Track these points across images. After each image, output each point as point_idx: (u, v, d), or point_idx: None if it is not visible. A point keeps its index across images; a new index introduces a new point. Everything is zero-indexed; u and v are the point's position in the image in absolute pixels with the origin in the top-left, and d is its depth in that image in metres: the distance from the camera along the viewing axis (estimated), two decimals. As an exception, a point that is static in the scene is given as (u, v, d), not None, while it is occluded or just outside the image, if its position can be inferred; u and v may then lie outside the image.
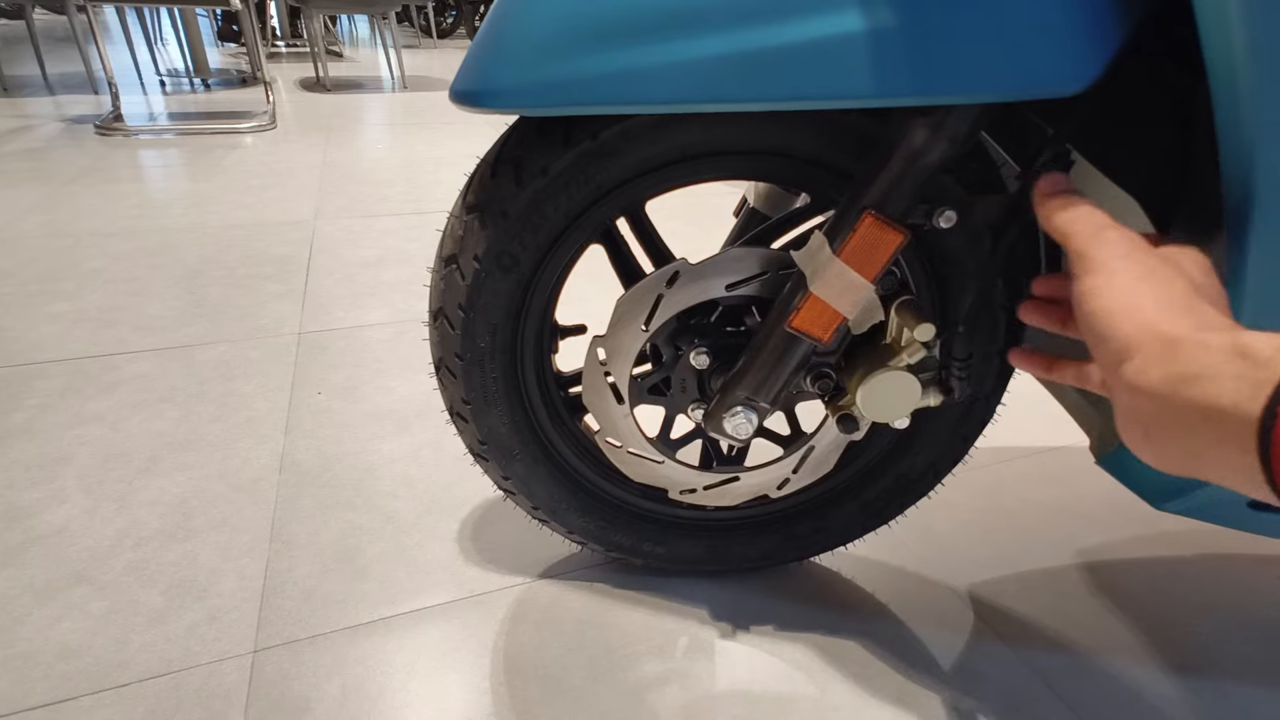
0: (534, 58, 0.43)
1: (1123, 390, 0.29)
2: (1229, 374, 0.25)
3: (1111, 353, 0.30)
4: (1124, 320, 0.30)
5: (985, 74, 0.37)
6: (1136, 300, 0.30)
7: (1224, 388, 0.25)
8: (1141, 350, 0.29)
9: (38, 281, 1.30)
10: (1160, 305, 0.30)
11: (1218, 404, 0.25)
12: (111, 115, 2.48)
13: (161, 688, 0.59)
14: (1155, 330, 0.29)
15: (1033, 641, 0.67)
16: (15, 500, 0.79)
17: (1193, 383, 0.26)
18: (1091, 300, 0.32)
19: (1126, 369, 0.29)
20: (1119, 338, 0.30)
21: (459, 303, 0.54)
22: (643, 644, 0.65)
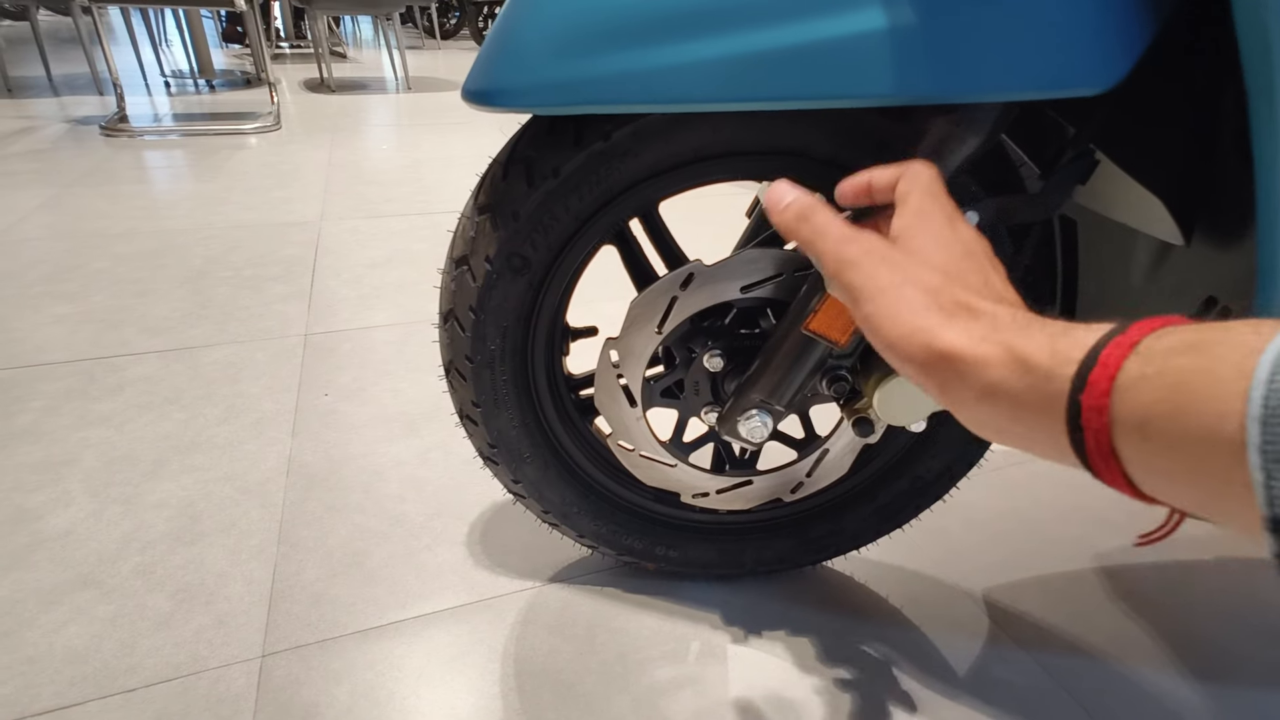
0: (546, 57, 0.42)
1: (946, 403, 0.30)
2: (1019, 386, 0.25)
3: (914, 376, 0.30)
4: (902, 347, 0.30)
5: (1010, 72, 0.36)
6: (906, 322, 0.30)
7: (1023, 401, 0.25)
8: (933, 373, 0.29)
9: (42, 283, 1.30)
10: (928, 318, 0.29)
11: (1021, 413, 0.26)
12: (116, 116, 2.48)
13: (169, 693, 0.59)
14: (932, 350, 0.29)
15: (1050, 646, 0.66)
16: (21, 503, 0.78)
17: (994, 394, 0.27)
18: (871, 332, 0.31)
19: (934, 390, 0.29)
20: (909, 364, 0.30)
21: (470, 304, 0.53)
22: (655, 649, 0.64)
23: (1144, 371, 0.22)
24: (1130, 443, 0.22)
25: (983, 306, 0.29)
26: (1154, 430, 0.21)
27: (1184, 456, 0.20)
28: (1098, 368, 0.23)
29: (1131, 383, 0.22)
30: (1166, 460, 0.21)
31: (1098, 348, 0.23)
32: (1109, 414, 0.22)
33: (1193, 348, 0.21)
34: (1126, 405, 0.22)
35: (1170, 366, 0.21)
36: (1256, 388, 0.18)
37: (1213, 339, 0.21)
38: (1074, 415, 0.23)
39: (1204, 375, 0.20)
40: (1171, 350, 0.21)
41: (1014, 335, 0.27)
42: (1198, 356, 0.20)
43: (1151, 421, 0.21)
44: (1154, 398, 0.21)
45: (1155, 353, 0.22)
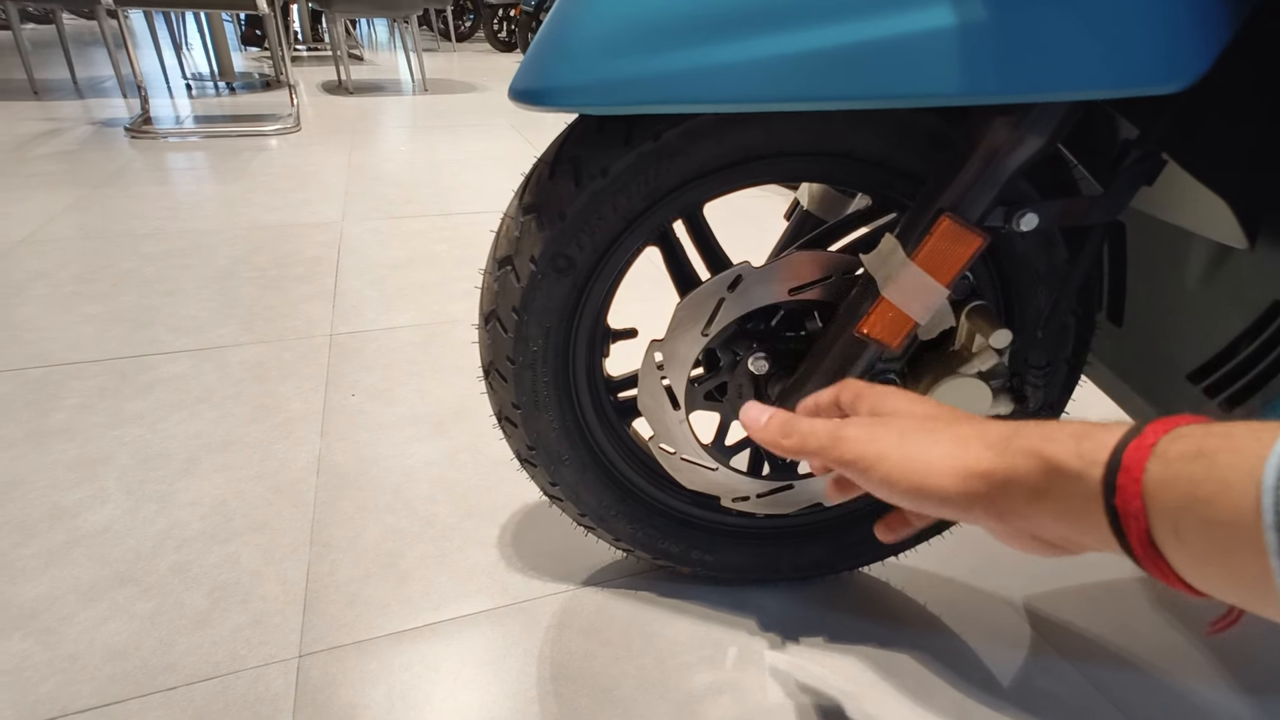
0: (599, 55, 0.42)
1: (991, 525, 0.29)
2: (1058, 490, 0.26)
3: (954, 510, 0.30)
4: (931, 482, 0.30)
5: (1080, 69, 0.36)
6: (923, 461, 0.30)
7: (1065, 502, 0.26)
8: (974, 498, 0.29)
9: (73, 282, 1.32)
10: (942, 449, 0.30)
11: (1067, 514, 0.26)
12: (141, 118, 2.51)
13: (209, 691, 0.59)
14: (966, 473, 0.29)
15: (1096, 657, 0.65)
16: (58, 500, 0.79)
17: (1039, 501, 0.27)
18: (895, 486, 0.31)
19: (978, 515, 0.29)
20: (946, 499, 0.29)
21: (513, 305, 0.53)
22: (692, 654, 0.64)
23: (1164, 476, 0.22)
24: (1169, 545, 0.22)
25: (990, 424, 0.30)
26: (1186, 535, 0.22)
27: (1220, 562, 0.21)
28: (1123, 472, 0.23)
29: (1156, 487, 0.22)
30: (1206, 564, 0.22)
31: (1119, 448, 0.24)
32: (1145, 517, 0.23)
33: (1201, 455, 0.22)
34: (1157, 509, 0.22)
35: (1184, 474, 0.22)
36: (1267, 494, 0.19)
37: (1218, 445, 0.21)
38: (1114, 518, 0.24)
39: (1216, 485, 0.21)
40: (1183, 456, 0.22)
41: (1036, 440, 0.27)
42: (1208, 466, 0.21)
43: (1182, 526, 0.22)
44: (1179, 504, 0.22)
45: (1171, 458, 0.22)
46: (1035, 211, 0.43)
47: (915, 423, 0.33)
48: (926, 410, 0.34)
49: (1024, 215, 0.43)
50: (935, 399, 0.49)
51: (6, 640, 0.62)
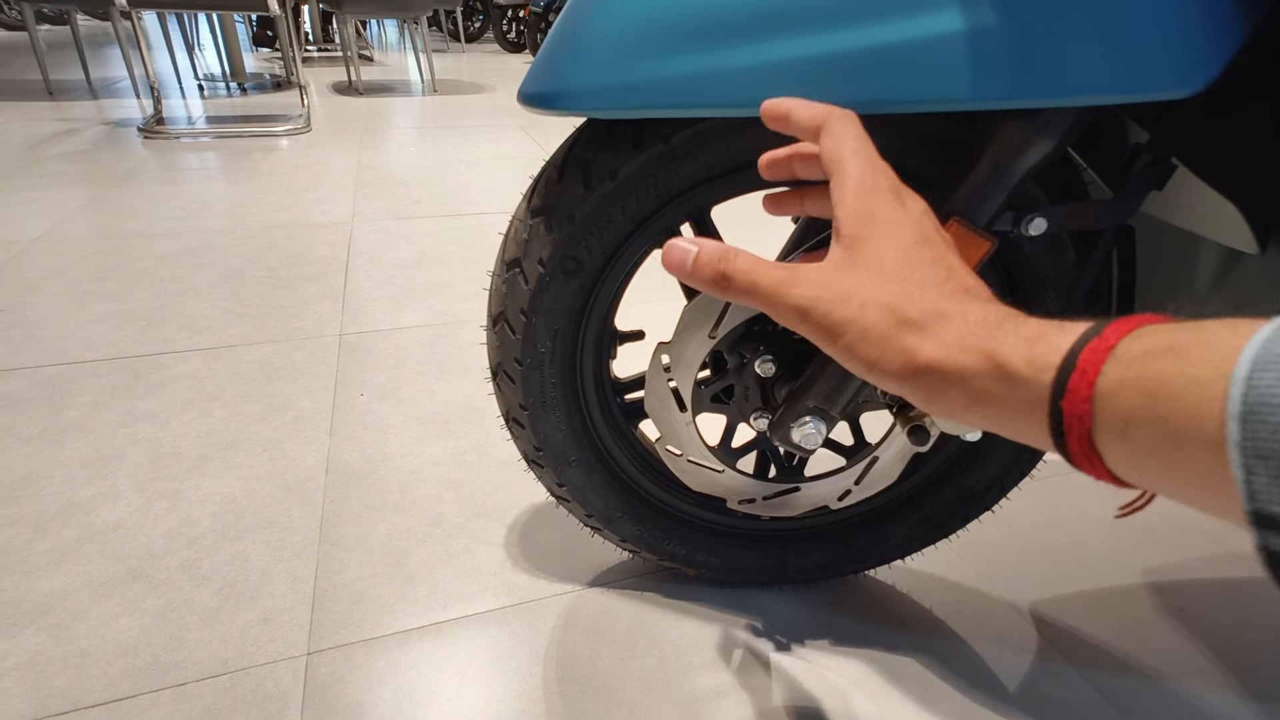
0: (608, 59, 0.42)
1: (933, 411, 0.28)
2: (1001, 393, 0.25)
3: (899, 390, 0.29)
4: (880, 365, 0.28)
5: (1091, 74, 0.36)
6: (878, 340, 0.28)
7: (1005, 406, 0.25)
8: (917, 386, 0.28)
9: (87, 281, 1.33)
10: (901, 335, 0.28)
11: (1005, 417, 0.26)
12: (154, 119, 2.53)
13: (218, 688, 0.59)
14: (912, 365, 0.27)
15: (1101, 663, 0.64)
16: (72, 497, 0.80)
17: (978, 403, 0.26)
18: (851, 361, 0.29)
19: (921, 401, 0.28)
20: (891, 380, 0.28)
21: (521, 307, 0.54)
22: (696, 656, 0.64)
23: (1123, 376, 0.22)
24: (1112, 444, 0.22)
25: (951, 308, 0.28)
26: (1135, 433, 0.21)
27: (1166, 456, 0.21)
28: (1076, 374, 0.23)
29: (1111, 388, 0.22)
30: (1148, 459, 0.21)
31: (1074, 351, 0.23)
32: (1090, 419, 0.23)
33: (1170, 350, 0.21)
34: (1107, 410, 0.22)
35: (1149, 371, 0.21)
36: (1235, 385, 0.18)
37: (1190, 339, 0.21)
38: (1056, 420, 0.24)
39: (1183, 378, 0.20)
40: (1149, 353, 0.21)
41: (988, 339, 0.26)
42: (1176, 360, 0.21)
43: (1132, 425, 0.21)
44: (1135, 403, 0.21)
45: (1133, 356, 0.22)
46: (1044, 216, 0.43)
47: (884, 287, 0.29)
48: (902, 261, 0.29)
49: (1033, 220, 0.43)
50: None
51: (20, 635, 0.63)
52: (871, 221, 0.30)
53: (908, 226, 0.30)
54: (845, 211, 0.31)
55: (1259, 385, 0.18)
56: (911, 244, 0.30)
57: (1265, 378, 0.18)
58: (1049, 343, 0.24)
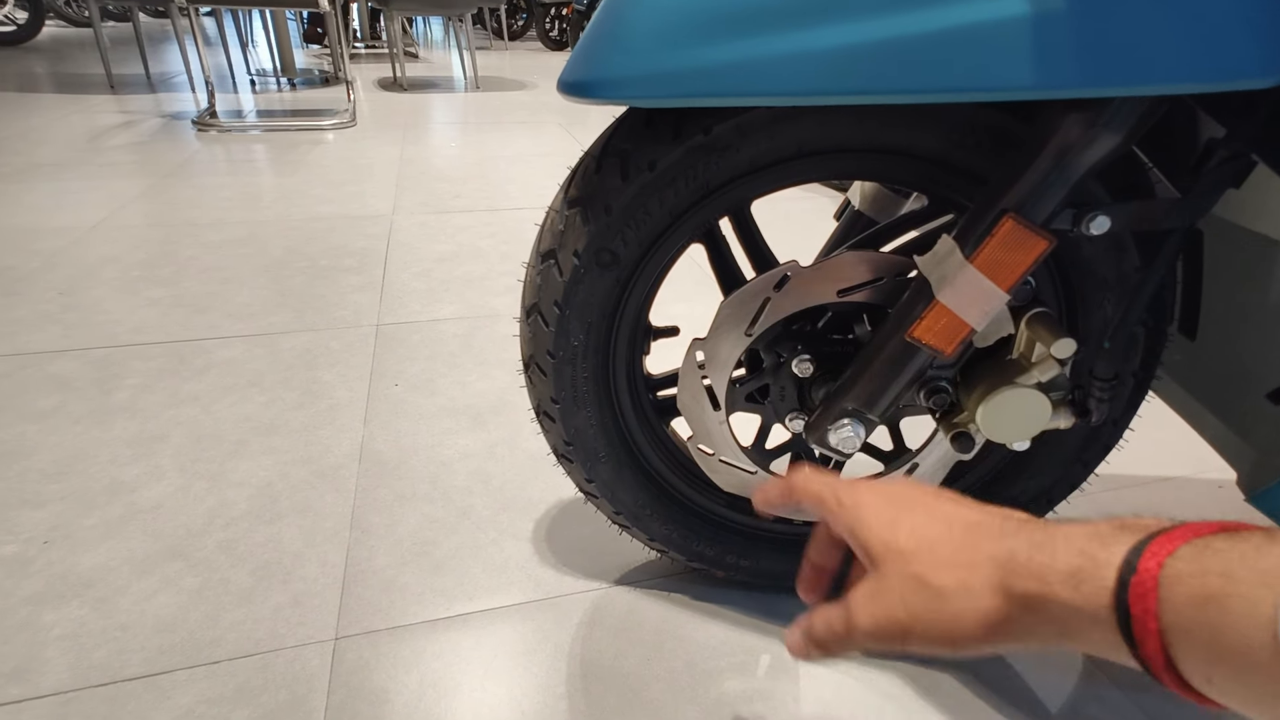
0: (651, 46, 0.41)
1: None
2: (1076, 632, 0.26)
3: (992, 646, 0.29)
4: (960, 640, 0.29)
5: (1164, 62, 0.33)
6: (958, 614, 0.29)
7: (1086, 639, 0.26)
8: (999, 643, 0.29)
9: (140, 267, 1.37)
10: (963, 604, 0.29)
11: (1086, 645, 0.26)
12: (207, 112, 2.61)
13: (250, 667, 0.60)
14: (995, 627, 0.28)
15: (1149, 688, 0.61)
16: (117, 475, 0.82)
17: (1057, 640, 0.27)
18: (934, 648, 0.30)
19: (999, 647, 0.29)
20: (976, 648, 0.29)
21: (555, 299, 0.53)
22: (723, 660, 0.63)
23: (1176, 619, 0.23)
24: (1187, 664, 0.23)
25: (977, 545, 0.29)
26: (1200, 647, 0.22)
27: (1233, 674, 0.21)
28: (1135, 604, 0.24)
29: (1173, 618, 0.23)
30: (1220, 675, 0.22)
31: (1122, 589, 0.24)
32: (1163, 647, 0.23)
33: (1210, 601, 0.22)
34: (1174, 640, 0.23)
35: (1198, 620, 0.22)
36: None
37: (1223, 590, 0.22)
38: (1126, 627, 0.24)
39: (1234, 634, 0.21)
40: (1192, 602, 0.22)
41: (1033, 583, 0.27)
42: (1219, 612, 0.21)
43: (1194, 636, 0.22)
44: (1190, 615, 0.22)
45: (1179, 604, 0.23)
46: (1107, 214, 0.40)
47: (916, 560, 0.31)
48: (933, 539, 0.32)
49: (1095, 218, 0.41)
50: (991, 410, 0.47)
51: (66, 606, 0.65)
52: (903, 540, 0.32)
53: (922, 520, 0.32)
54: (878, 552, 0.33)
55: None
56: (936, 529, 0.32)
57: None
58: (1094, 582, 0.25)
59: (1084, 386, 0.46)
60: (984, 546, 0.29)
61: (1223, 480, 0.88)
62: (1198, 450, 0.92)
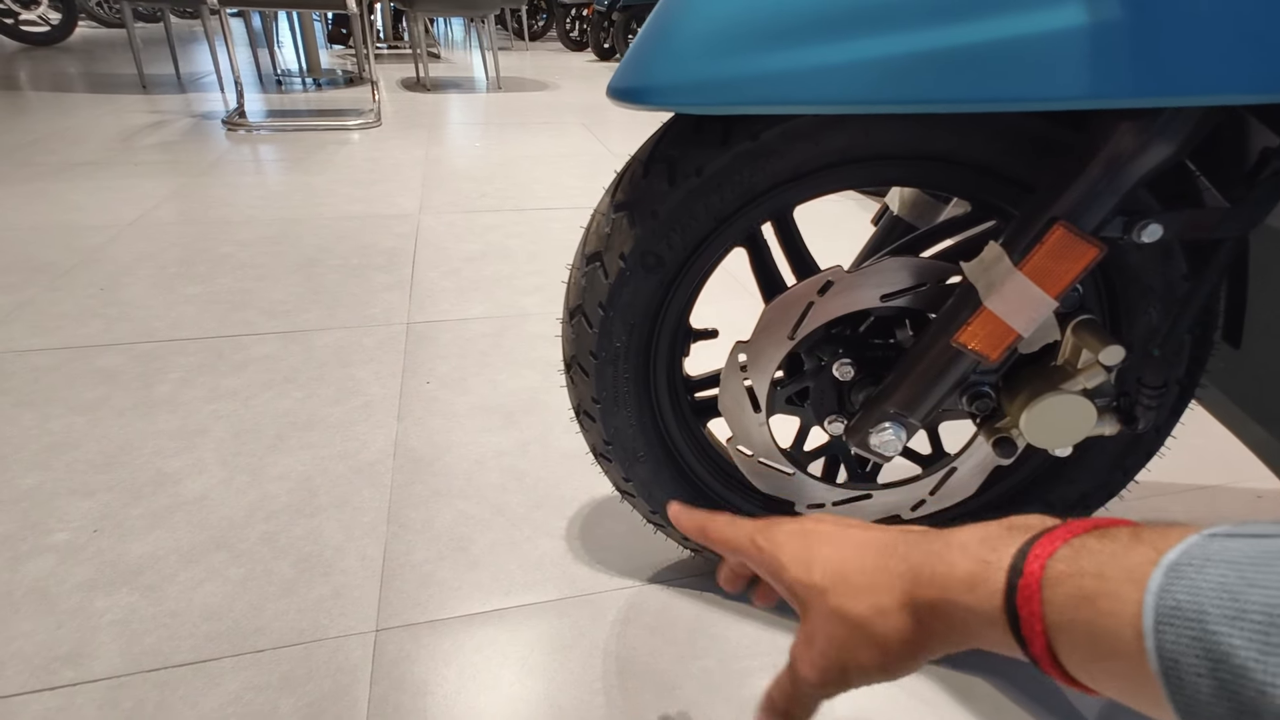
0: (703, 55, 0.42)
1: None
2: (971, 633, 0.28)
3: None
4: (898, 672, 0.31)
5: (1222, 70, 0.34)
6: (876, 655, 0.31)
7: (979, 639, 0.28)
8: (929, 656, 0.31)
9: (176, 265, 1.41)
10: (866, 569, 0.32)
11: (973, 642, 0.29)
12: (236, 112, 2.66)
13: (294, 656, 0.62)
14: (913, 648, 0.30)
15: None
16: (162, 467, 0.84)
17: (952, 645, 0.30)
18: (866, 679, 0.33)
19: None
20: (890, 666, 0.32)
21: (600, 301, 0.54)
22: (757, 659, 0.63)
23: (1058, 618, 0.24)
24: (1067, 653, 0.24)
25: (879, 561, 0.32)
26: (1078, 643, 0.24)
27: (1107, 667, 0.23)
28: (1022, 605, 0.25)
29: (1054, 618, 0.24)
30: (1097, 668, 0.23)
31: (1011, 590, 0.26)
32: (1041, 615, 0.25)
33: (1084, 600, 0.23)
34: (1054, 616, 0.24)
35: (1075, 619, 0.24)
36: (1148, 638, 0.21)
37: (1095, 589, 0.23)
38: (1015, 628, 0.26)
39: (1102, 631, 0.23)
40: (1070, 601, 0.24)
41: (933, 590, 0.29)
42: (1091, 612, 0.23)
43: (1073, 633, 0.24)
44: (1069, 614, 0.24)
45: (1059, 603, 0.24)
46: (1160, 222, 0.40)
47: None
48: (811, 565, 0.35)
49: (1147, 226, 0.41)
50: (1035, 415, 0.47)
51: (117, 593, 0.67)
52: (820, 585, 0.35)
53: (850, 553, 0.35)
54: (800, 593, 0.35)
55: (1165, 643, 0.20)
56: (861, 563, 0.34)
57: (1168, 635, 0.20)
58: (988, 585, 0.27)
59: (1130, 394, 0.46)
60: (891, 566, 0.31)
61: (1262, 490, 0.87)
62: (1235, 459, 0.91)
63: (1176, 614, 0.20)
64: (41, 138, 2.32)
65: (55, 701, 0.58)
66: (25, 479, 0.81)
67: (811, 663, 0.33)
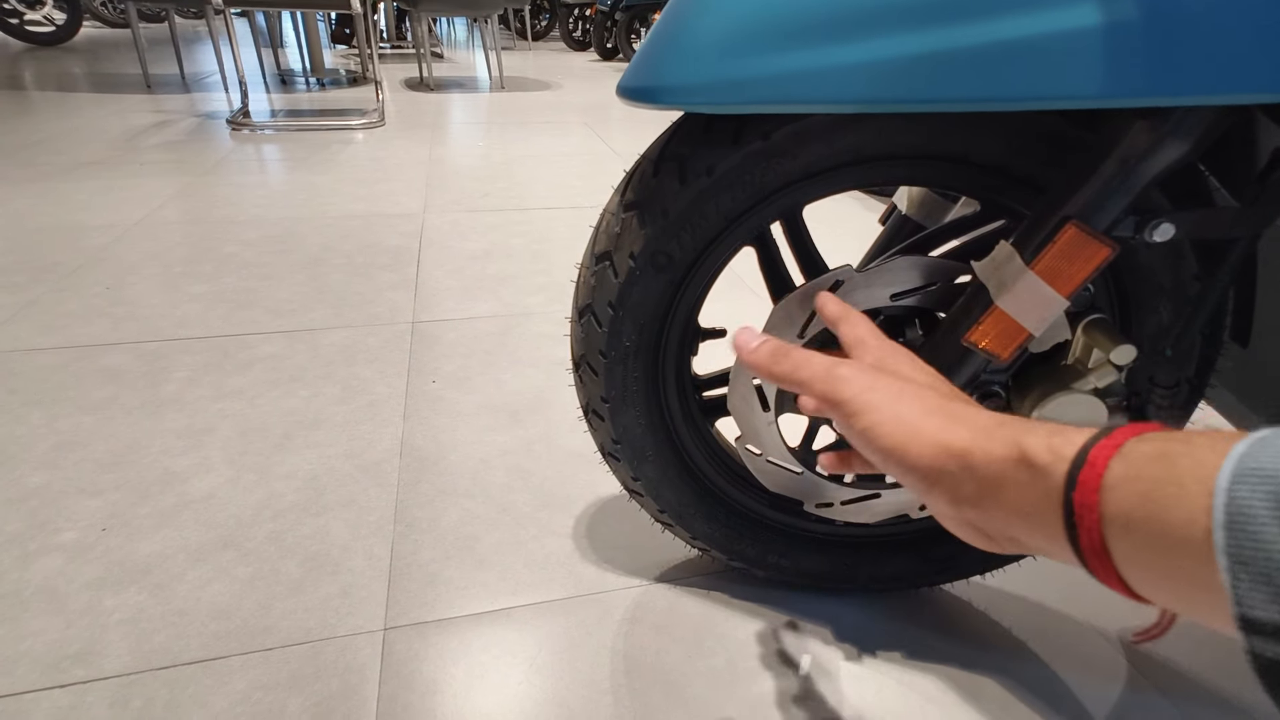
0: (714, 54, 0.42)
1: (943, 508, 0.30)
2: (1022, 481, 0.27)
3: (919, 481, 0.30)
4: (913, 449, 0.30)
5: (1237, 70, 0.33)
6: (911, 424, 0.31)
7: (1023, 495, 0.27)
8: (943, 474, 0.29)
9: (181, 264, 1.41)
10: (932, 420, 0.31)
11: (1021, 509, 0.27)
12: (240, 111, 2.66)
13: (302, 655, 0.62)
14: (945, 448, 0.29)
15: (1198, 699, 0.61)
16: (169, 466, 0.85)
17: (998, 492, 0.28)
18: (875, 441, 0.31)
19: (939, 494, 0.30)
20: (918, 468, 0.30)
21: (609, 300, 0.54)
22: (764, 659, 0.63)
23: (1125, 474, 0.23)
24: (1118, 541, 0.23)
25: (983, 411, 0.31)
26: (1136, 531, 0.23)
27: (1162, 558, 0.22)
28: (1086, 466, 0.24)
29: (1116, 483, 0.23)
30: (1148, 560, 0.23)
31: (1087, 447, 0.25)
32: (1099, 511, 0.24)
33: (1163, 457, 0.23)
34: (1112, 505, 0.23)
35: (1145, 473, 0.23)
36: (1218, 496, 0.20)
37: (1177, 451, 0.22)
38: (1069, 513, 0.24)
39: (1172, 485, 0.22)
40: (1146, 457, 0.23)
41: (1017, 430, 0.28)
42: (1166, 467, 0.22)
43: (1133, 522, 0.23)
44: (1133, 502, 0.23)
45: (1134, 457, 0.23)
46: (1172, 222, 0.40)
47: (914, 388, 0.33)
48: (928, 380, 0.35)
49: (1159, 225, 0.41)
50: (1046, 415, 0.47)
51: (125, 592, 0.67)
52: (897, 356, 0.37)
53: (926, 367, 0.36)
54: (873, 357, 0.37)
55: (1238, 497, 0.20)
56: (929, 380, 0.35)
57: (1242, 489, 0.20)
58: (1066, 437, 0.26)
59: (1141, 393, 0.46)
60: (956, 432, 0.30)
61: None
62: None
63: (1255, 473, 0.20)
64: (47, 138, 2.33)
65: (66, 699, 0.58)
66: (33, 478, 0.82)
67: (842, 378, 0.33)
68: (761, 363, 0.37)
